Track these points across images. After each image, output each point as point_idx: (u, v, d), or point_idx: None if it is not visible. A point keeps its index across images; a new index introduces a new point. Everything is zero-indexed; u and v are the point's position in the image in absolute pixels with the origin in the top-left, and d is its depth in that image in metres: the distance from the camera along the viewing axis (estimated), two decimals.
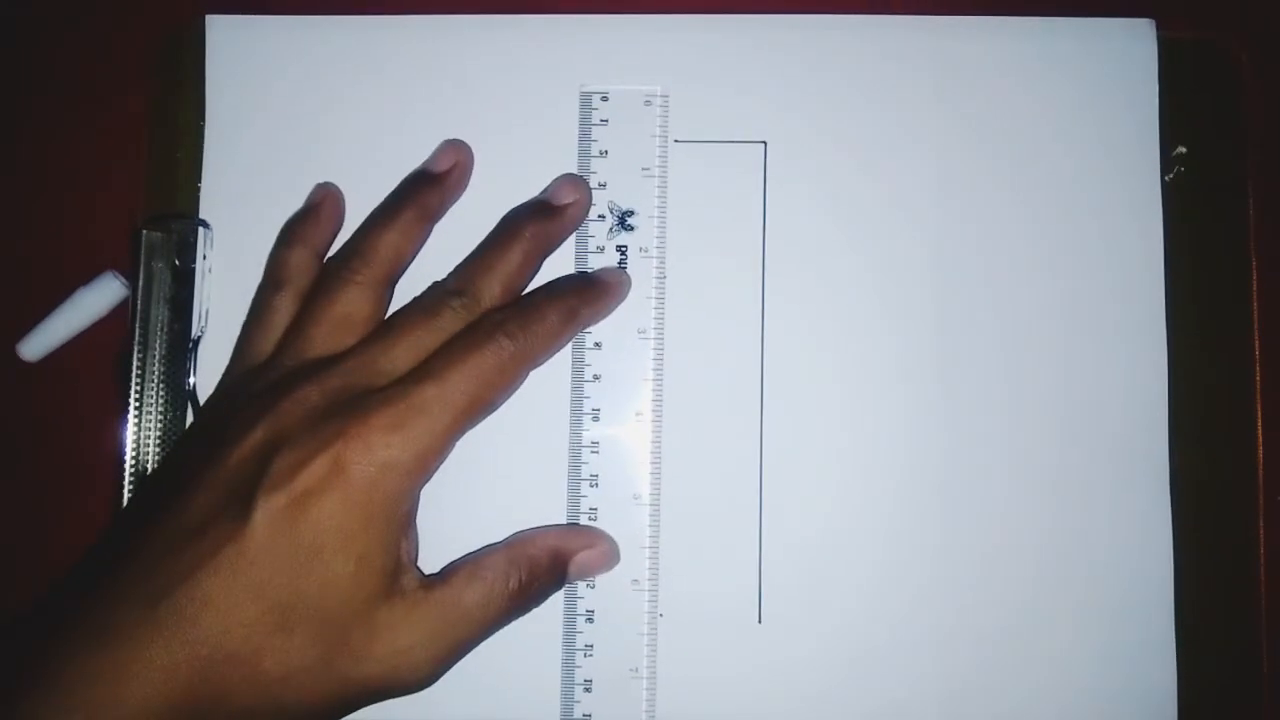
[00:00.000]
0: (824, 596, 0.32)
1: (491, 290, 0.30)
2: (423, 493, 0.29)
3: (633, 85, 0.33)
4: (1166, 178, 0.33)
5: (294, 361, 0.30)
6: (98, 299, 0.33)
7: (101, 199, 0.34)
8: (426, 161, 0.33)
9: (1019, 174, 0.33)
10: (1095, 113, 0.33)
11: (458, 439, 0.28)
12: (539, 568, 0.30)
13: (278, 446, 0.27)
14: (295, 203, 0.33)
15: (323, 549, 0.27)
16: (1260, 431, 0.32)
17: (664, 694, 0.32)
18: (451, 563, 0.30)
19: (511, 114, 0.33)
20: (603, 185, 0.33)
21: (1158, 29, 0.33)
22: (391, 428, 0.27)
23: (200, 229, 0.33)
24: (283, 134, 0.33)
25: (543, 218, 0.32)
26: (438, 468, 0.28)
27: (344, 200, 0.33)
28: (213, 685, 0.26)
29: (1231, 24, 0.34)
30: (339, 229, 0.33)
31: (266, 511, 0.26)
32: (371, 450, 0.27)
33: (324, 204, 0.33)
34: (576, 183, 0.33)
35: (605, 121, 0.33)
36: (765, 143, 0.33)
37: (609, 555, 0.31)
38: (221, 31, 0.34)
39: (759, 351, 0.33)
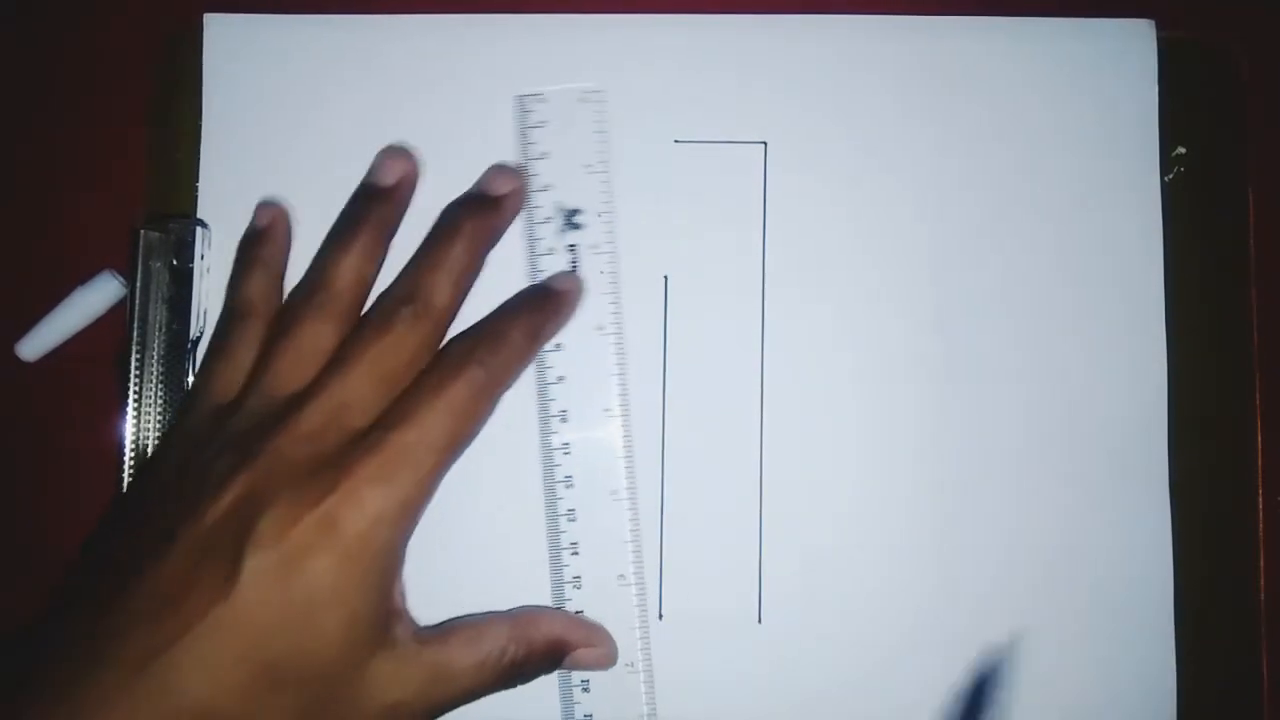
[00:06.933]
0: (824, 596, 0.32)
1: (441, 291, 0.30)
2: None
3: (569, 84, 0.33)
4: (1166, 178, 0.33)
5: (262, 403, 0.29)
6: (96, 298, 0.33)
7: (99, 199, 0.34)
8: (371, 175, 0.32)
9: (1019, 174, 0.33)
10: (1095, 113, 0.33)
11: (443, 477, 0.28)
12: (537, 651, 0.30)
13: (260, 504, 0.26)
14: (293, 202, 0.33)
15: (315, 608, 0.26)
16: (1260, 432, 0.33)
17: (664, 693, 0.32)
18: (451, 620, 0.30)
19: (509, 113, 0.33)
20: (546, 187, 0.33)
21: (1157, 29, 0.33)
22: (378, 479, 0.27)
23: (198, 229, 0.33)
24: (280, 133, 0.33)
25: (482, 211, 0.31)
26: (424, 509, 0.28)
27: (290, 217, 0.33)
28: None
29: (1231, 24, 0.34)
30: (290, 245, 0.32)
31: (255, 572, 0.26)
32: (362, 504, 0.26)
33: (275, 224, 0.32)
34: (509, 172, 0.32)
35: (543, 123, 0.33)
36: (765, 143, 0.33)
37: (608, 659, 0.31)
38: (219, 30, 0.34)
39: (759, 351, 0.33)
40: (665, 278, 0.33)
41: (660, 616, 0.32)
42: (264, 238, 0.32)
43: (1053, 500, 0.32)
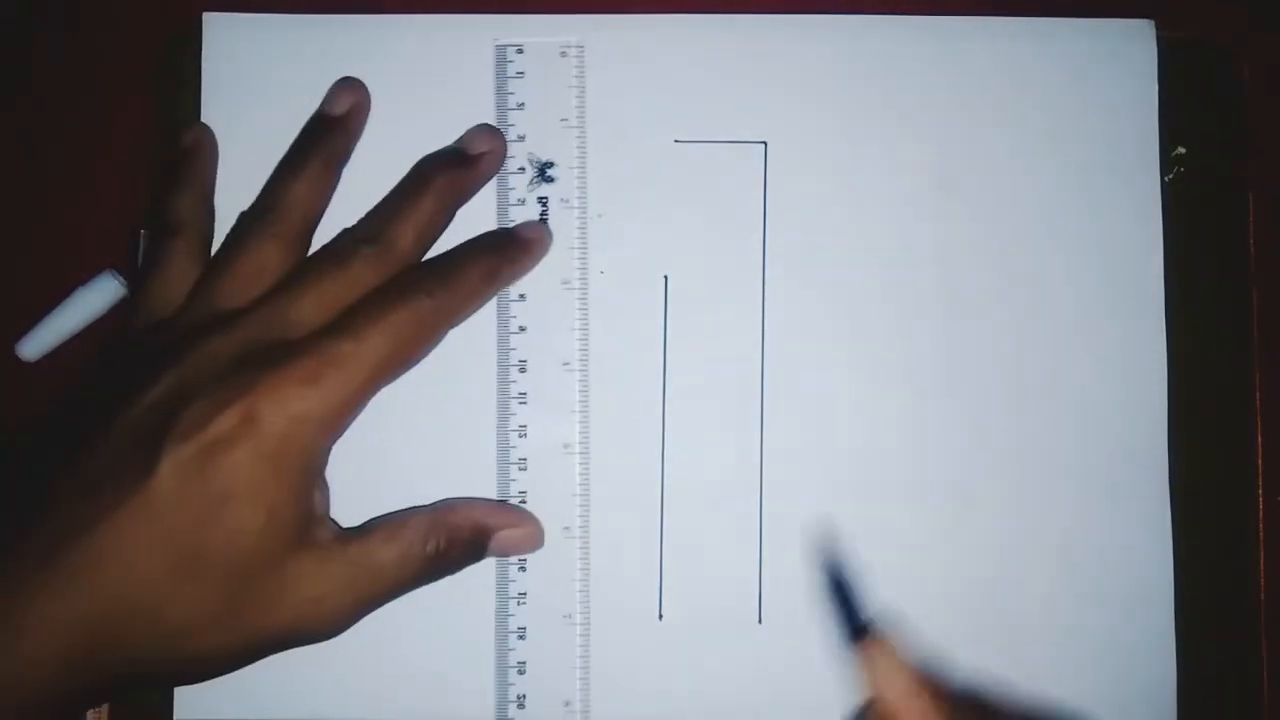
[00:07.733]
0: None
1: (404, 237, 0.30)
2: (350, 448, 0.29)
3: (549, 38, 0.33)
4: (1166, 178, 0.33)
5: (203, 313, 0.29)
6: (97, 299, 0.33)
7: (100, 199, 0.34)
8: (322, 105, 0.33)
9: (1019, 174, 0.33)
10: (1095, 113, 0.33)
11: (372, 395, 0.28)
12: (459, 538, 0.30)
13: (186, 397, 0.27)
14: None
15: (231, 500, 0.26)
16: (1260, 432, 0.33)
17: (664, 694, 0.32)
18: (372, 519, 0.30)
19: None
20: (521, 138, 0.33)
21: (1157, 29, 0.33)
22: (305, 381, 0.27)
23: None
24: (279, 132, 0.33)
25: (455, 166, 0.32)
26: (350, 423, 0.28)
27: (215, 139, 0.33)
28: (111, 638, 0.25)
29: (1231, 24, 0.34)
30: (216, 165, 0.33)
31: (173, 461, 0.26)
32: (284, 402, 0.27)
33: (201, 144, 0.32)
34: (491, 132, 0.32)
35: (521, 74, 0.33)
36: (765, 143, 0.33)
37: (533, 538, 0.31)
38: (219, 29, 0.34)
39: (759, 351, 0.33)
40: (665, 278, 0.33)
41: (660, 617, 0.32)
42: (188, 159, 0.32)
43: (1053, 499, 0.32)
